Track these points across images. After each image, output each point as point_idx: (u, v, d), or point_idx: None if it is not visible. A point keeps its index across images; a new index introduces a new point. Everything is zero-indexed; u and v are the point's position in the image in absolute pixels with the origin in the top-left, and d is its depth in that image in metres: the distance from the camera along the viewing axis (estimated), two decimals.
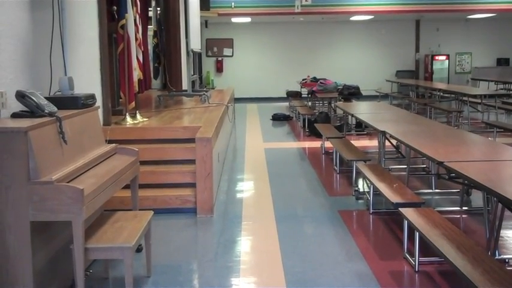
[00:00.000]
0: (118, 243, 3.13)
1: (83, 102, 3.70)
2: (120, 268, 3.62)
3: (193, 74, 9.62)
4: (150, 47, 8.98)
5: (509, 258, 3.92)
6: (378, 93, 16.19)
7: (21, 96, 3.20)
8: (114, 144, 3.97)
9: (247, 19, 17.67)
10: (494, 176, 3.40)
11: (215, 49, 19.26)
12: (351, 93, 11.74)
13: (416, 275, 3.68)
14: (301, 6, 15.64)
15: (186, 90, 9.46)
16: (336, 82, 12.51)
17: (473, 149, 4.47)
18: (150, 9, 9.73)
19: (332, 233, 4.57)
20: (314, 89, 12.49)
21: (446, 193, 5.76)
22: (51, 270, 3.18)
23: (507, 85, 15.98)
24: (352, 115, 7.30)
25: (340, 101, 11.36)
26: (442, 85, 14.23)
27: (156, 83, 10.29)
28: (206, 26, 17.13)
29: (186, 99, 9.17)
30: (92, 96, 3.90)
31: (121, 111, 6.43)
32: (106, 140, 4.00)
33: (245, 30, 19.00)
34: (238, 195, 5.98)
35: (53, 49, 3.98)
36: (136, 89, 6.17)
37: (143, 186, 4.69)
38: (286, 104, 15.84)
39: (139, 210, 3.95)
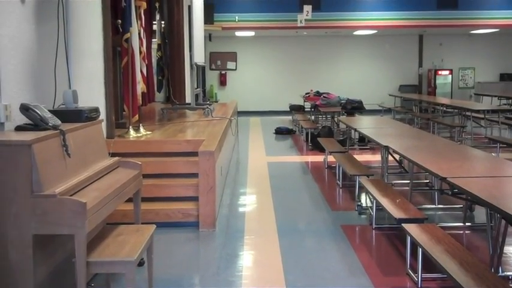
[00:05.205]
0: (120, 257, 3.11)
1: (87, 116, 3.71)
2: (122, 282, 3.61)
3: (197, 87, 9.64)
4: (154, 60, 9.03)
5: None
6: (381, 108, 16.21)
7: (25, 109, 3.22)
8: (117, 158, 3.98)
9: (251, 33, 17.77)
10: (498, 192, 3.39)
11: (219, 62, 19.35)
12: (354, 107, 11.76)
13: None
14: (305, 20, 15.72)
15: (189, 104, 9.48)
16: (339, 96, 12.54)
17: (477, 164, 4.46)
18: (154, 22, 9.79)
19: (334, 248, 4.55)
20: (317, 103, 12.52)
21: (450, 209, 5.73)
22: (52, 283, 3.16)
23: (510, 100, 15.97)
24: (355, 129, 7.31)
25: (343, 115, 11.38)
26: (445, 100, 14.25)
27: (159, 96, 10.32)
28: (210, 40, 17.21)
29: (190, 113, 9.19)
30: (96, 110, 3.91)
31: (124, 124, 6.44)
32: (109, 153, 4.01)
33: (249, 44, 19.09)
34: (241, 209, 5.97)
35: (57, 62, 4.00)
36: (140, 102, 6.19)
37: (146, 199, 4.68)
38: (289, 117, 15.86)
39: (142, 223, 3.94)
